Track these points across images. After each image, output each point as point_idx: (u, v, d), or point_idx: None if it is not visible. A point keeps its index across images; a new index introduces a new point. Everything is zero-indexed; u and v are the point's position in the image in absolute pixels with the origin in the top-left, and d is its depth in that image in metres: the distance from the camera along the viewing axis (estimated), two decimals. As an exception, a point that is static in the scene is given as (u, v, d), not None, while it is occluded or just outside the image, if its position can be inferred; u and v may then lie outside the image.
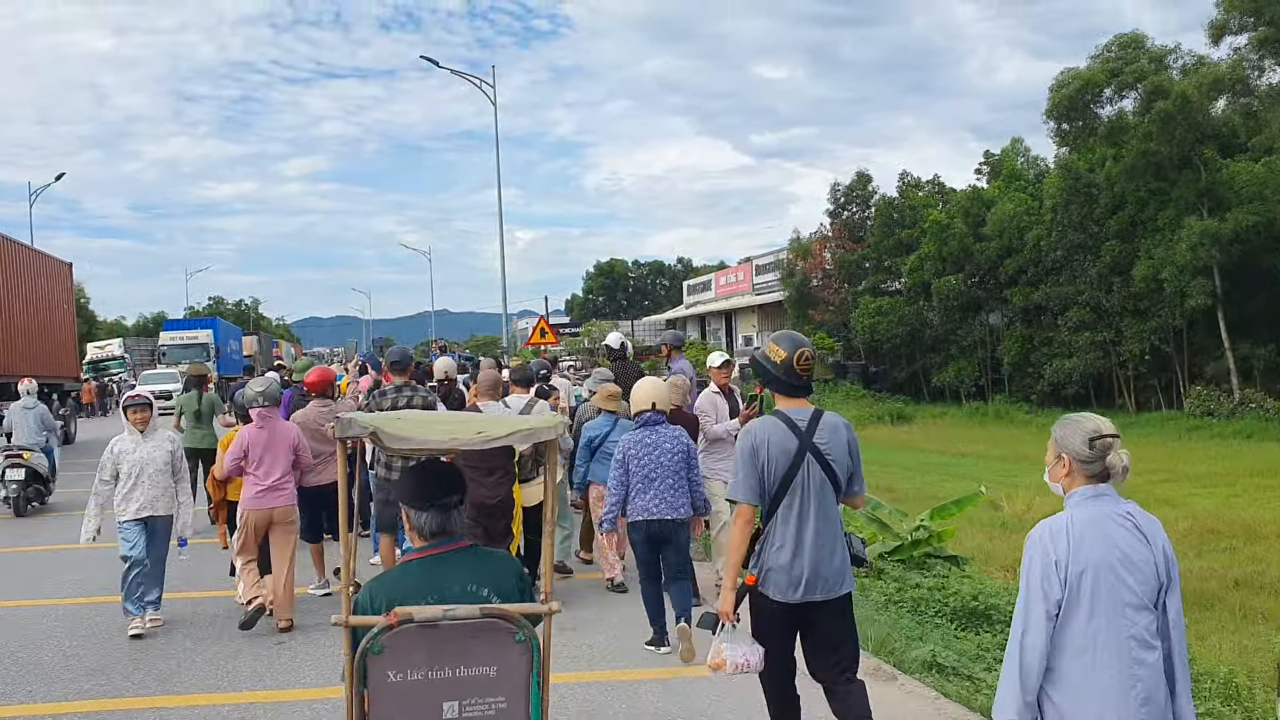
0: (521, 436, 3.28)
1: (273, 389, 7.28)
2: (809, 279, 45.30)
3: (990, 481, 22.92)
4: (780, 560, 4.04)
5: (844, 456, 4.12)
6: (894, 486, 21.29)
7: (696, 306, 70.70)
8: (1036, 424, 33.37)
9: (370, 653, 2.87)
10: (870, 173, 45.13)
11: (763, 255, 59.78)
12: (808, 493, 4.04)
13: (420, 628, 2.86)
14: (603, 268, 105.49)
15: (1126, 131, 29.73)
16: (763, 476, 4.04)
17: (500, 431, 3.28)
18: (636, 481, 6.27)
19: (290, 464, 7.10)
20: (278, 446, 7.04)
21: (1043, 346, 35.20)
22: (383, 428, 3.16)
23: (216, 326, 47.45)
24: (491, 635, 2.94)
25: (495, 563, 3.20)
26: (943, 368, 39.19)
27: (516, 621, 2.95)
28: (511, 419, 4.32)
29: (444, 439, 3.35)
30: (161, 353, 43.12)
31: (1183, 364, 31.51)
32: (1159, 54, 29.53)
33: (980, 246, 36.98)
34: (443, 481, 3.13)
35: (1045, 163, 43.54)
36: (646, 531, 6.24)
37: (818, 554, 4.03)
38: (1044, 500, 17.03)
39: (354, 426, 3.14)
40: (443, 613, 2.86)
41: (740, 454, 4.11)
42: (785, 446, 4.04)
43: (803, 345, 4.17)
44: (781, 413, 4.13)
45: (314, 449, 7.56)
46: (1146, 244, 30.18)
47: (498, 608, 2.94)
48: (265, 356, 60.58)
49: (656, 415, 6.40)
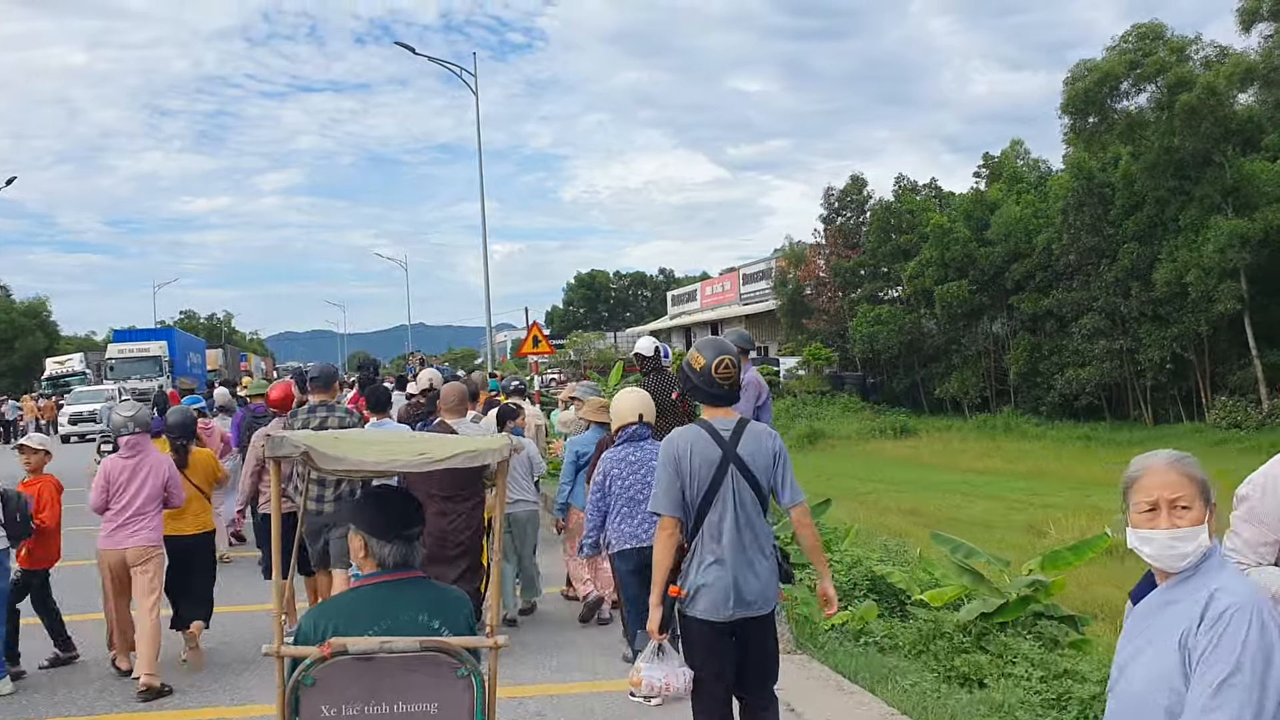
0: (465, 458, 3.14)
1: (143, 414, 6.50)
2: (803, 287, 43.48)
3: (1022, 503, 21.20)
4: (708, 577, 3.89)
5: (769, 466, 3.99)
6: (919, 509, 19.42)
7: (681, 317, 69.10)
8: (1050, 437, 31.72)
9: (302, 684, 2.76)
10: (865, 176, 43.40)
11: (750, 264, 58.34)
12: (732, 505, 3.91)
13: (357, 660, 2.76)
14: (583, 279, 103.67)
15: (1146, 127, 28.02)
16: (685, 488, 3.91)
17: (443, 453, 3.13)
18: (621, 505, 5.68)
19: (157, 499, 6.30)
20: (143, 479, 6.25)
21: (1052, 355, 33.42)
22: (315, 446, 2.98)
23: (172, 337, 43.09)
24: (433, 670, 2.85)
25: (447, 596, 3.12)
26: (945, 378, 37.36)
27: (459, 656, 2.86)
28: (455, 439, 3.87)
29: (381, 459, 3.14)
30: (109, 366, 38.73)
31: (1204, 373, 29.76)
32: (1179, 44, 27.88)
33: (985, 251, 35.26)
34: (408, 512, 3.08)
35: (1047, 165, 42.03)
36: (637, 560, 5.51)
37: (746, 568, 3.91)
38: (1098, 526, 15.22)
39: (285, 445, 2.95)
40: (380, 644, 2.76)
41: (662, 464, 3.98)
42: (708, 456, 3.92)
43: (724, 353, 4.04)
44: (705, 422, 4.03)
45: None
46: (1169, 246, 28.44)
47: (438, 640, 2.84)
48: (231, 370, 57.90)
49: (642, 429, 5.78)
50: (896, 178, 42.41)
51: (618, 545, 5.71)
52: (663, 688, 3.89)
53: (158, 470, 6.34)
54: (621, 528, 5.68)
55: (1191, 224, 27.90)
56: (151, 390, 37.51)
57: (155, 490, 6.30)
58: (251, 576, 8.77)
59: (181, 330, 53.39)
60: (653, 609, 3.96)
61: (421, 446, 3.26)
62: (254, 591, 8.17)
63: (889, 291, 40.77)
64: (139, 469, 6.28)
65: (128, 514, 6.20)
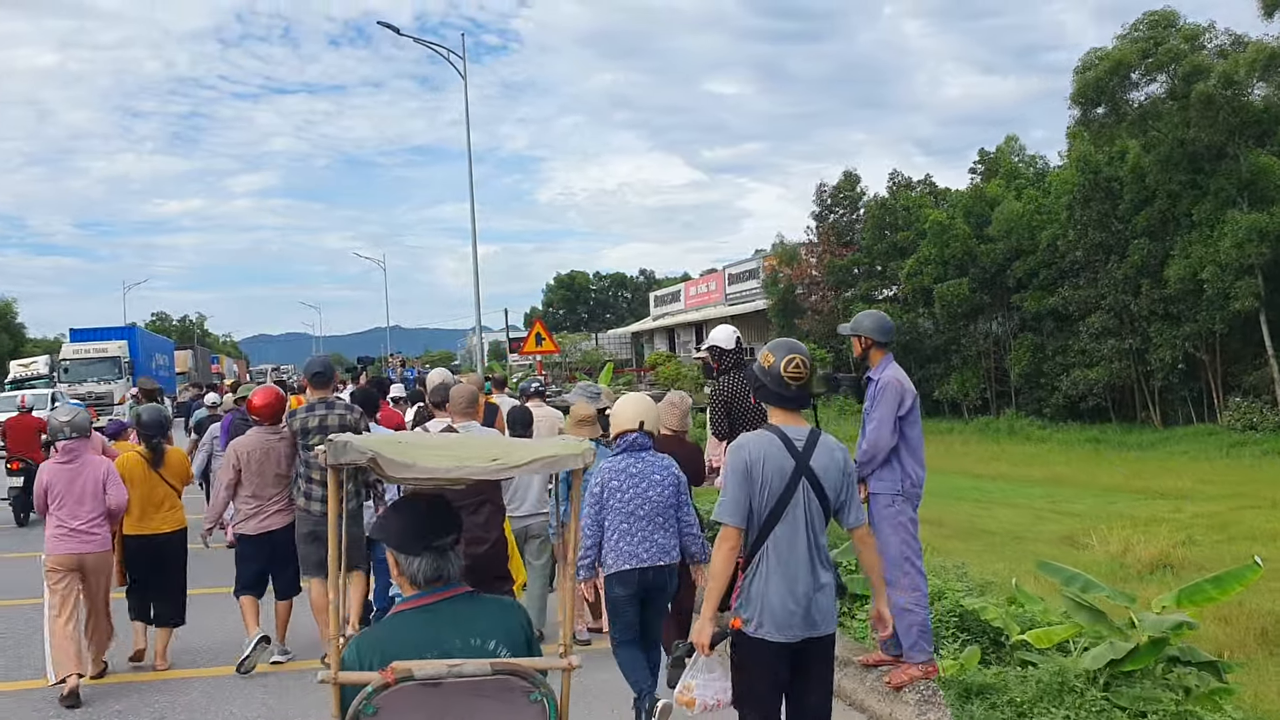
0: (543, 465, 2.85)
1: (80, 419, 6.45)
2: (794, 286, 42.30)
3: (1045, 511, 20.05)
4: (773, 595, 3.68)
5: (839, 483, 3.80)
6: (942, 520, 18.17)
7: (665, 318, 67.90)
8: (1056, 440, 30.68)
9: (363, 714, 2.53)
10: (859, 172, 42.29)
11: (735, 264, 57.24)
12: (803, 519, 3.70)
13: (421, 686, 2.54)
14: (563, 280, 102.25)
15: (1159, 118, 26.99)
16: (753, 498, 3.67)
17: (519, 459, 2.85)
18: (619, 520, 5.24)
19: (101, 503, 6.31)
20: (83, 485, 6.28)
21: (1057, 356, 32.35)
22: (382, 452, 2.70)
23: (134, 337, 39.75)
24: (504, 694, 2.61)
25: (500, 610, 2.82)
26: (944, 380, 36.23)
27: (532, 679, 2.63)
28: (531, 444, 3.40)
29: (453, 466, 2.81)
30: (63, 368, 35.47)
31: (1216, 373, 28.77)
32: (1193, 32, 26.86)
33: (985, 248, 34.17)
34: (436, 520, 2.77)
35: (1045, 160, 41.09)
36: (638, 583, 5.22)
37: (813, 587, 3.71)
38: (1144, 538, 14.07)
39: (350, 450, 2.69)
40: (448, 668, 2.55)
41: (732, 471, 3.72)
42: (780, 466, 3.70)
43: (795, 351, 3.80)
44: (778, 429, 3.77)
45: (256, 488, 6.67)
46: (1182, 242, 27.40)
47: (511, 662, 2.63)
48: (202, 372, 56.04)
49: (642, 438, 5.33)
50: (890, 174, 41.36)
51: (615, 565, 5.25)
52: (716, 704, 3.76)
53: (95, 473, 6.34)
54: (620, 546, 5.23)
55: (1206, 219, 26.89)
56: (109, 394, 34.89)
57: (96, 494, 6.31)
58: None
59: (146, 330, 49.30)
60: (705, 623, 3.76)
61: (496, 452, 2.97)
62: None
63: (884, 290, 39.66)
64: (77, 474, 6.28)
65: (78, 520, 6.20)
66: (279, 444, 6.77)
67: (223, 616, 7.72)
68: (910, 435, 5.34)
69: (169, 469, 6.91)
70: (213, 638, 7.46)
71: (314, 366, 6.90)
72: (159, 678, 6.67)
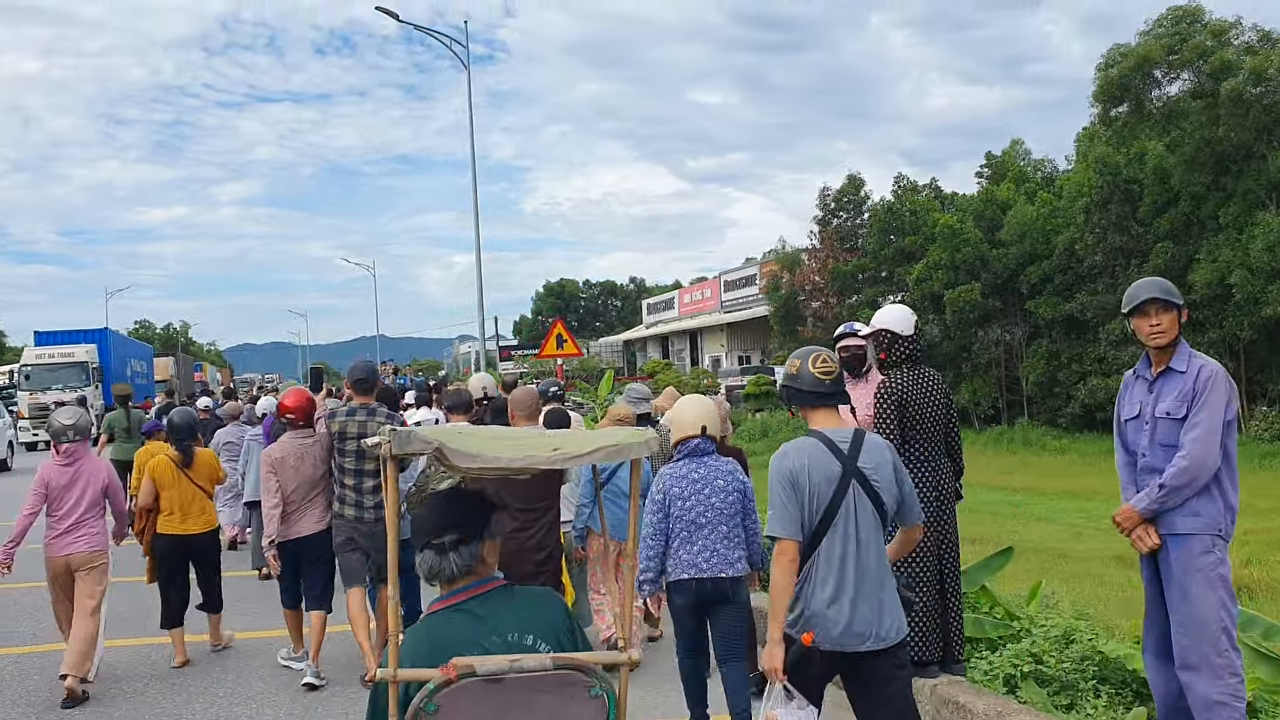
0: (606, 454, 2.72)
1: (82, 422, 6.56)
2: (796, 293, 41.24)
3: (1082, 527, 18.98)
4: (825, 604, 3.51)
5: (891, 482, 3.61)
6: (981, 536, 17.10)
7: (658, 326, 66.84)
8: (1076, 451, 29.63)
9: (424, 712, 2.43)
10: (863, 176, 41.28)
11: (732, 271, 56.26)
12: (854, 524, 3.53)
13: (482, 683, 2.44)
14: (553, 288, 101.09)
15: (1186, 117, 26.04)
16: (803, 508, 3.51)
17: (580, 448, 2.74)
18: (680, 529, 4.97)
19: (98, 505, 6.51)
20: (82, 485, 6.41)
21: (1073, 364, 31.34)
22: (447, 443, 2.59)
23: (105, 340, 35.85)
24: (565, 689, 2.51)
25: (539, 603, 2.73)
26: (954, 388, 35.16)
27: (594, 673, 2.52)
28: (594, 434, 3.21)
29: (516, 455, 2.70)
30: (25, 374, 32.37)
31: (1241, 381, 27.77)
32: (1220, 28, 25.95)
33: (998, 253, 33.19)
34: (443, 515, 2.70)
35: (1053, 164, 40.24)
36: (696, 593, 4.96)
37: (869, 594, 3.52)
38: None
39: (414, 441, 2.57)
40: (509, 664, 2.46)
41: (777, 481, 3.54)
42: (827, 471, 3.53)
43: (816, 350, 3.72)
44: (819, 432, 3.60)
45: (291, 492, 6.47)
46: (1208, 245, 26.45)
47: (571, 657, 2.53)
48: (185, 380, 54.33)
49: (705, 443, 5.06)
50: (896, 177, 40.41)
51: (674, 574, 5.06)
52: None
53: (96, 476, 6.50)
54: (680, 554, 5.04)
55: (1234, 221, 25.94)
56: (72, 403, 33.56)
57: (96, 497, 6.47)
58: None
59: (121, 334, 45.54)
60: (774, 645, 3.53)
61: (556, 441, 2.82)
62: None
63: (890, 296, 38.61)
64: (77, 476, 6.42)
65: (69, 521, 6.34)
66: (312, 447, 6.61)
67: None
68: (1231, 450, 4.04)
69: (198, 471, 7.10)
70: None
71: (356, 373, 6.80)
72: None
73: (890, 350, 5.37)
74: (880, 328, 5.39)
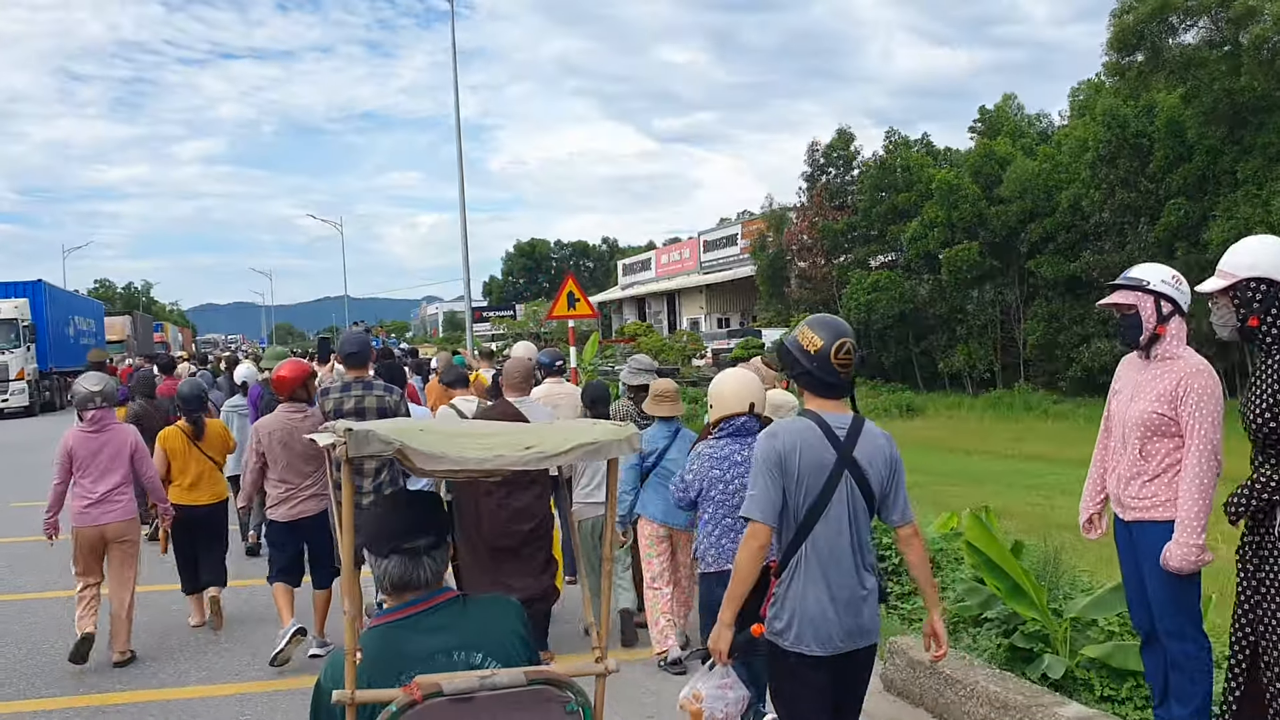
0: (584, 452, 2.57)
1: (109, 387, 6.42)
2: (784, 252, 39.81)
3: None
4: (812, 603, 3.26)
5: (884, 478, 3.36)
6: (1008, 510, 15.84)
7: (634, 287, 65.33)
8: (1080, 416, 28.46)
9: None
10: (853, 131, 39.76)
11: (711, 231, 54.77)
12: (846, 518, 3.29)
13: (451, 702, 2.24)
14: (523, 248, 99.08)
15: (1205, 65, 24.73)
16: (788, 494, 3.26)
17: (557, 447, 2.55)
18: (722, 514, 4.77)
19: (127, 473, 6.35)
20: (109, 453, 6.28)
21: (1074, 326, 30.21)
22: (409, 444, 2.38)
23: (39, 294, 31.83)
24: (540, 706, 2.34)
25: (488, 617, 2.50)
26: (948, 351, 34.00)
27: (570, 686, 2.37)
28: (570, 428, 3.02)
29: (486, 455, 2.49)
30: None
31: (1251, 345, 26.81)
32: (1243, -29, 24.58)
33: (996, 210, 31.89)
34: (412, 516, 2.50)
35: (1049, 119, 38.99)
36: None
37: (856, 593, 3.32)
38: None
39: (373, 442, 2.35)
40: (479, 680, 2.28)
41: (763, 461, 3.27)
42: (819, 459, 3.27)
43: (844, 335, 3.35)
44: (816, 415, 3.34)
45: (283, 470, 6.19)
46: (1225, 202, 25.26)
47: (546, 670, 2.36)
48: (142, 341, 52.09)
49: (751, 421, 4.83)
50: (887, 132, 38.92)
51: (715, 564, 4.76)
52: (724, 718, 3.47)
53: (123, 443, 6.39)
54: (721, 543, 4.78)
55: (1253, 176, 24.75)
56: (3, 366, 28.88)
57: (123, 463, 6.36)
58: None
59: (62, 289, 41.16)
60: (724, 628, 3.34)
61: (530, 439, 2.62)
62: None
63: (881, 255, 37.32)
64: (105, 444, 6.31)
65: (101, 489, 6.24)
66: (304, 423, 6.30)
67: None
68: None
69: (208, 442, 7.20)
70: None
71: (348, 345, 6.51)
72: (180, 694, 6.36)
73: (1267, 311, 3.60)
74: (1250, 275, 3.61)
